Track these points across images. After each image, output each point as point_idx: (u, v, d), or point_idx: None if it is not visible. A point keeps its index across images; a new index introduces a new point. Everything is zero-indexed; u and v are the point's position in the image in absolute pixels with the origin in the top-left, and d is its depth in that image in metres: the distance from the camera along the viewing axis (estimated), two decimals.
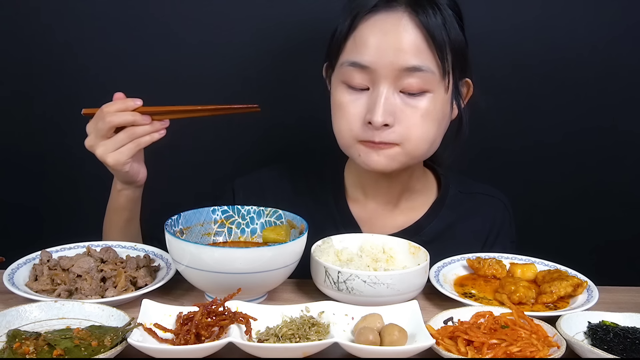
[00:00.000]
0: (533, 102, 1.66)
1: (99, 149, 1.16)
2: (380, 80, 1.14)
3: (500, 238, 1.35)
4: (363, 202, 1.33)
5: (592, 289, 1.10)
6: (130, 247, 1.22)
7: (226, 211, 1.19)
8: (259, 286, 1.06)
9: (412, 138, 1.17)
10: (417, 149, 1.19)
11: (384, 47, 1.13)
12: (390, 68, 1.13)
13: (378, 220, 1.32)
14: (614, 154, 1.68)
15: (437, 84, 1.15)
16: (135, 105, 1.15)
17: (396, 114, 1.15)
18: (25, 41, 1.61)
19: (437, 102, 1.16)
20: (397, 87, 1.15)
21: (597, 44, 1.61)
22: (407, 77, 1.13)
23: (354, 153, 1.21)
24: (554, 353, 0.87)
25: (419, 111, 1.15)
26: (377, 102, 1.14)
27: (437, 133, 1.20)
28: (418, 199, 1.34)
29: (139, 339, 0.86)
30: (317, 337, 0.89)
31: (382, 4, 1.15)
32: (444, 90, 1.16)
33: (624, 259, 1.71)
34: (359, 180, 1.33)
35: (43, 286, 1.06)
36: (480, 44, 1.60)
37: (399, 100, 1.15)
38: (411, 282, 1.07)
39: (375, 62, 1.14)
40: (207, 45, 1.61)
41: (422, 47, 1.13)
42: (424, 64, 1.13)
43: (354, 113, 1.18)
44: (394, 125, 1.15)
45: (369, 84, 1.16)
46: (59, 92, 1.64)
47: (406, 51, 1.12)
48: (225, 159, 1.68)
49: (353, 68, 1.16)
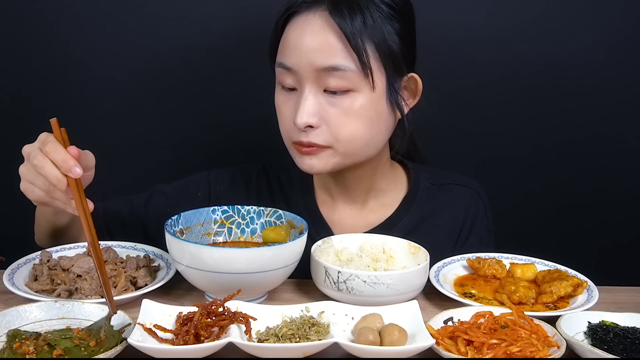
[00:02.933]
0: (535, 107, 1.66)
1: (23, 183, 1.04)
2: (303, 81, 1.14)
3: (476, 228, 1.33)
4: (331, 203, 1.33)
5: (592, 289, 1.10)
6: (130, 247, 1.22)
7: (226, 211, 1.19)
8: (259, 286, 1.06)
9: (341, 138, 1.16)
10: (349, 149, 1.18)
11: (300, 47, 1.13)
12: (310, 69, 1.13)
13: (348, 220, 1.32)
14: (616, 156, 1.68)
15: (360, 82, 1.13)
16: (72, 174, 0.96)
17: (321, 114, 1.15)
18: (23, 41, 1.61)
19: (363, 100, 1.15)
20: (320, 87, 1.14)
21: (599, 49, 1.61)
22: (327, 77, 1.13)
23: (292, 155, 1.22)
24: (554, 353, 0.87)
25: (343, 110, 1.14)
26: (300, 104, 1.14)
27: (371, 132, 1.18)
28: (387, 196, 1.33)
29: (139, 339, 0.86)
30: (317, 337, 0.89)
31: (304, 4, 1.15)
32: (370, 89, 1.14)
33: (624, 260, 1.71)
34: (324, 182, 1.33)
35: (43, 286, 1.06)
36: (479, 49, 1.62)
37: (323, 100, 1.15)
38: (411, 282, 1.07)
39: (296, 64, 1.14)
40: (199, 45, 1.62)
41: (338, 47, 1.11)
42: (341, 64, 1.12)
43: (286, 114, 1.18)
44: (321, 126, 1.15)
45: (296, 85, 1.17)
46: (59, 93, 1.64)
47: (322, 51, 1.12)
48: (200, 155, 1.69)
49: (282, 70, 1.17)
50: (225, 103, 1.68)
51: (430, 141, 1.37)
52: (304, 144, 1.16)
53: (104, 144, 1.69)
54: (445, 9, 1.61)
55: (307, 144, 1.16)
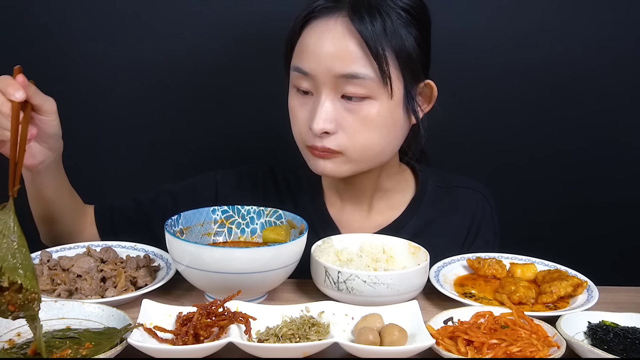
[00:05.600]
0: (538, 114, 1.66)
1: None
2: (321, 86, 1.13)
3: (483, 231, 1.34)
4: (339, 204, 1.33)
5: (592, 289, 1.10)
6: (130, 247, 1.22)
7: (226, 211, 1.19)
8: (259, 286, 1.06)
9: (355, 145, 1.15)
10: (362, 157, 1.17)
11: (319, 53, 1.12)
12: (328, 75, 1.12)
13: (355, 221, 1.32)
14: (618, 158, 1.68)
15: (378, 90, 1.13)
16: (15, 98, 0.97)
17: (338, 121, 1.14)
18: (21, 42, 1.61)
19: (380, 108, 1.14)
20: (337, 93, 1.13)
21: (606, 54, 1.61)
22: (345, 84, 1.12)
23: (305, 157, 1.22)
24: (554, 353, 0.87)
25: (361, 118, 1.14)
26: (316, 109, 1.13)
27: (386, 140, 1.18)
28: (394, 198, 1.33)
29: (139, 339, 0.86)
30: (317, 337, 0.89)
31: (324, 9, 1.14)
32: (388, 97, 1.14)
33: (625, 260, 1.71)
34: (333, 183, 1.33)
35: (43, 286, 1.06)
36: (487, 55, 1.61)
37: (340, 106, 1.14)
38: (411, 282, 1.07)
39: (314, 69, 1.13)
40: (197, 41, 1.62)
41: (358, 55, 1.10)
42: (361, 71, 1.11)
43: (301, 118, 1.18)
44: (337, 132, 1.15)
45: (313, 90, 1.16)
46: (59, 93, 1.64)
47: (341, 58, 1.11)
48: (205, 157, 1.69)
49: (298, 74, 1.16)
50: (228, 101, 1.67)
51: (434, 143, 1.37)
52: (318, 148, 1.16)
53: (105, 145, 1.70)
54: (454, 14, 1.60)
55: (321, 149, 1.16)
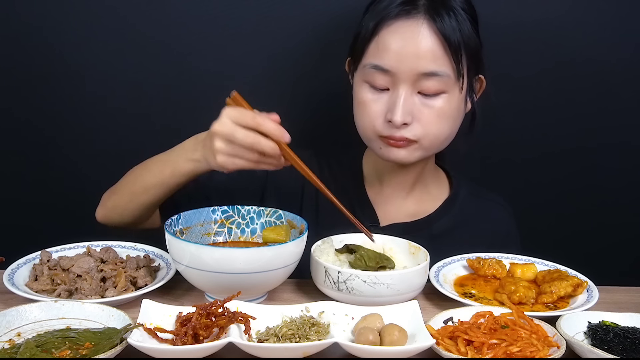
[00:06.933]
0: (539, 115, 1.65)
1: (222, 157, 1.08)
2: (400, 82, 1.21)
3: (509, 243, 1.35)
4: (379, 187, 1.39)
5: (592, 289, 1.10)
6: (130, 247, 1.22)
7: (226, 211, 1.19)
8: (259, 286, 1.06)
9: (429, 135, 1.23)
10: (433, 144, 1.26)
11: (404, 53, 1.19)
12: (410, 73, 1.19)
13: (392, 205, 1.38)
14: (620, 160, 1.68)
15: (452, 85, 1.21)
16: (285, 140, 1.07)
17: (414, 113, 1.21)
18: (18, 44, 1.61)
19: (452, 101, 1.23)
20: (415, 89, 1.21)
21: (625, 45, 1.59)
22: (424, 80, 1.20)
23: (375, 146, 1.28)
24: (554, 353, 0.87)
25: (436, 110, 1.22)
26: (397, 103, 1.20)
27: (452, 129, 1.27)
28: (430, 191, 1.39)
29: (139, 339, 0.86)
30: (317, 337, 0.89)
31: (404, 11, 1.21)
32: (459, 91, 1.23)
33: (625, 260, 1.71)
34: (376, 168, 1.39)
35: (43, 286, 1.06)
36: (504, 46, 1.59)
37: (417, 100, 1.22)
38: (411, 282, 1.07)
39: (395, 67, 1.20)
40: None
41: (440, 53, 1.19)
42: (441, 69, 1.19)
43: (375, 111, 1.24)
44: (413, 124, 1.22)
45: (389, 86, 1.23)
46: (59, 93, 1.64)
47: (424, 57, 1.19)
48: None
49: (375, 70, 1.22)
50: None
51: None
52: (396, 138, 1.22)
53: (106, 145, 1.70)
54: None
55: (399, 139, 1.22)
